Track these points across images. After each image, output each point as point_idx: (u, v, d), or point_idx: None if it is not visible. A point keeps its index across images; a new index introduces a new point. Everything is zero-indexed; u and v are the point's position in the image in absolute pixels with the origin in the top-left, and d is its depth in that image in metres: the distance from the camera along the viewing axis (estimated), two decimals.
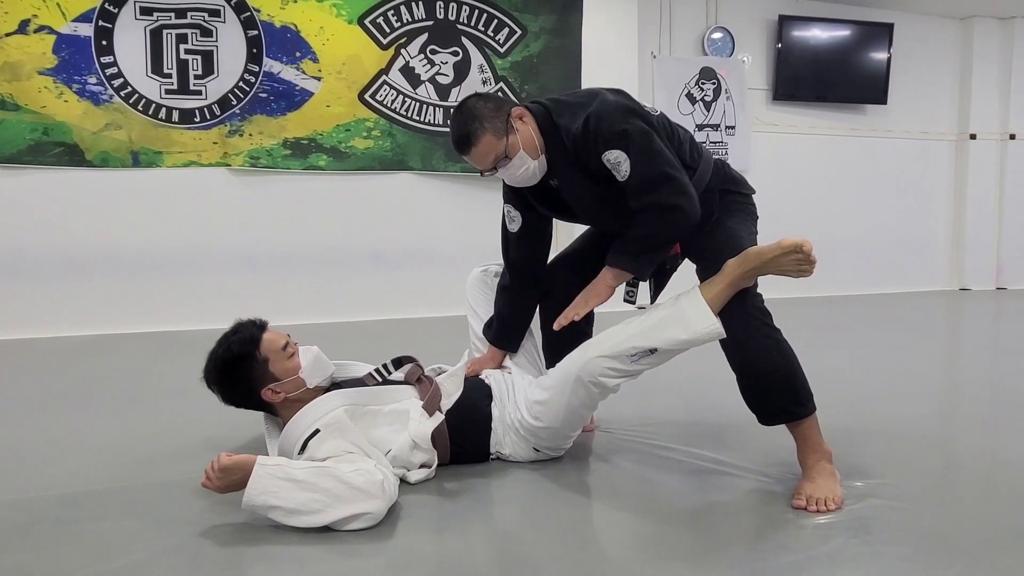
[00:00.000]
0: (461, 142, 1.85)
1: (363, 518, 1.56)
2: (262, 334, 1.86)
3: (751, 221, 1.99)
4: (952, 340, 4.46)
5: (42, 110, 4.24)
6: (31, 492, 1.85)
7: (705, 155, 1.93)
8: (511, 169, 1.86)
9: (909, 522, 1.56)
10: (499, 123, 1.82)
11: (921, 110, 6.40)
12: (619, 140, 1.75)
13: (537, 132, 1.86)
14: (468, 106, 1.85)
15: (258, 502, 1.55)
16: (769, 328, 1.80)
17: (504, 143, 1.82)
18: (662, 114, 1.90)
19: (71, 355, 3.82)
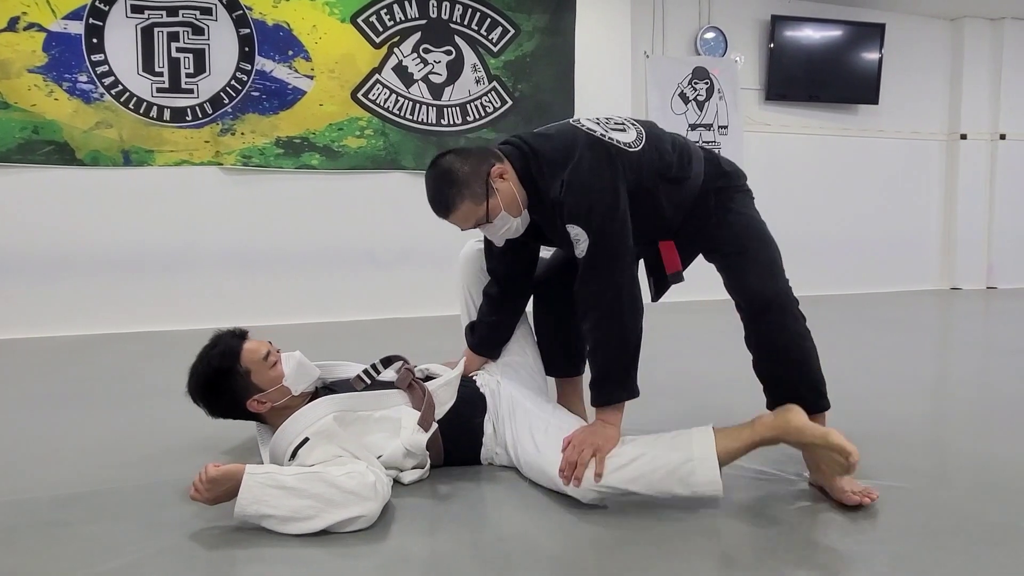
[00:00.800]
0: (437, 208, 1.77)
1: (358, 521, 1.56)
2: (242, 344, 1.83)
3: (752, 205, 1.97)
4: (943, 339, 4.49)
5: (32, 108, 4.21)
6: (21, 494, 1.84)
7: (695, 160, 1.87)
8: (493, 229, 1.80)
9: (902, 520, 1.57)
10: (478, 187, 1.72)
11: (912, 110, 6.43)
12: (582, 219, 1.68)
13: (518, 185, 1.77)
14: (444, 167, 1.75)
15: (250, 512, 1.54)
16: (800, 314, 1.83)
17: (484, 207, 1.74)
18: (650, 131, 1.83)
19: (60, 355, 3.80)
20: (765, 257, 1.85)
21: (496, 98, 5.10)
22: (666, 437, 1.65)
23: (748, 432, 1.62)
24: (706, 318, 4.84)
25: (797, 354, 1.78)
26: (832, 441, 1.51)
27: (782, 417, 1.60)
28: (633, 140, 1.78)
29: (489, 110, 5.08)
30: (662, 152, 1.81)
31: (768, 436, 1.60)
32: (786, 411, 1.59)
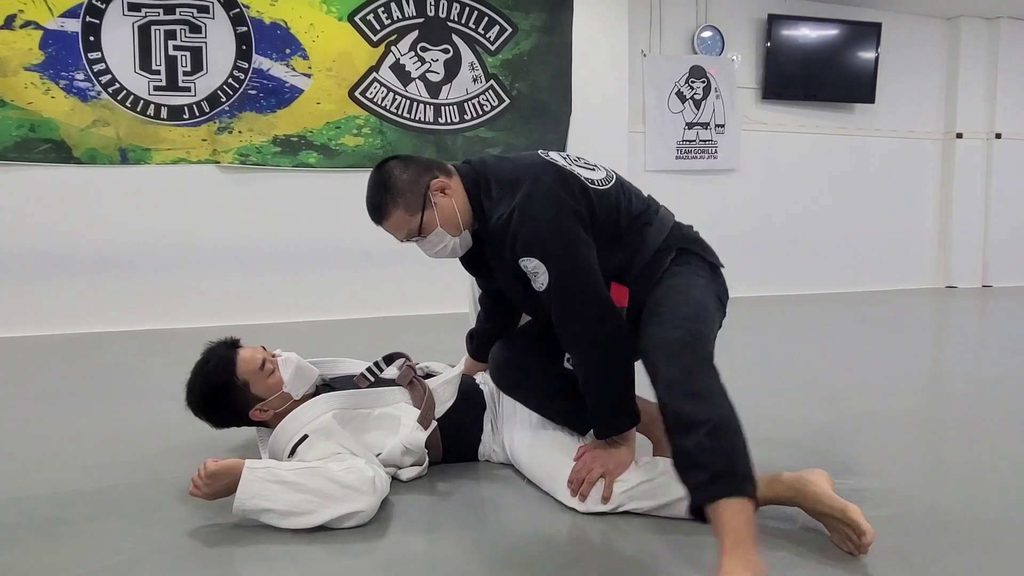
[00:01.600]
0: (371, 213, 1.71)
1: (356, 516, 1.57)
2: (236, 356, 1.78)
3: (708, 284, 1.67)
4: (938, 337, 4.50)
5: (28, 106, 4.20)
6: (19, 492, 1.84)
7: (663, 212, 1.77)
8: (426, 245, 1.71)
9: (897, 517, 1.58)
10: (413, 197, 1.65)
11: (908, 109, 6.45)
12: (537, 249, 1.55)
13: (464, 204, 1.68)
14: (384, 173, 1.68)
15: (249, 506, 1.54)
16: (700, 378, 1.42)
17: (418, 219, 1.66)
18: (620, 177, 1.74)
19: (58, 354, 3.80)
20: (674, 309, 1.54)
21: (494, 97, 5.10)
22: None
23: (763, 485, 1.48)
24: None
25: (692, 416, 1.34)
26: (850, 516, 1.38)
27: (801, 479, 1.48)
28: (602, 179, 1.69)
29: (487, 109, 5.09)
30: (632, 194, 1.74)
31: (784, 496, 1.49)
32: (808, 473, 1.49)
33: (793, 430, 2.30)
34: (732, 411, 1.37)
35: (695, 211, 6.03)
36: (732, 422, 1.34)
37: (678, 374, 1.38)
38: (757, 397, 2.75)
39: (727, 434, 1.32)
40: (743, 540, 1.23)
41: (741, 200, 5.98)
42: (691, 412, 1.33)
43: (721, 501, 1.25)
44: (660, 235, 1.69)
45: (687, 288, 1.60)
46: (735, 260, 6.76)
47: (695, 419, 1.32)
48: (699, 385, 1.37)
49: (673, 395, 1.37)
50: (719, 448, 1.30)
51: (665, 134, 5.73)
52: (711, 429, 1.30)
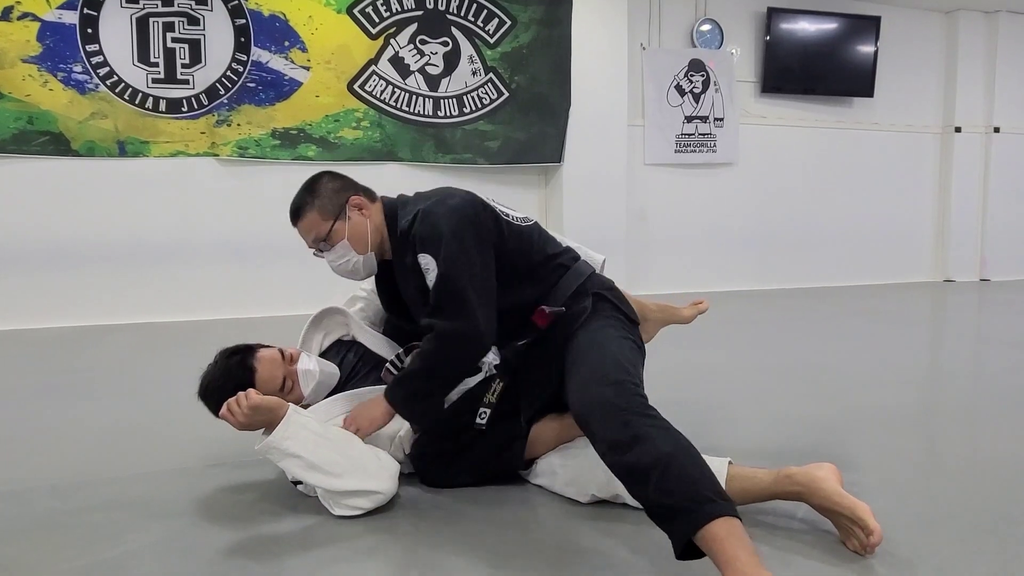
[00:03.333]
0: (291, 212, 1.79)
1: (373, 497, 1.58)
2: (254, 376, 1.70)
3: (624, 334, 1.68)
4: (936, 331, 4.52)
5: (26, 99, 4.19)
6: (21, 483, 1.85)
7: (582, 264, 1.79)
8: (332, 255, 1.77)
9: (895, 509, 1.59)
10: (331, 205, 1.73)
11: (907, 103, 6.45)
12: (433, 243, 1.60)
13: (378, 228, 1.75)
14: (313, 179, 1.79)
15: (281, 445, 1.53)
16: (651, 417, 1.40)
17: (328, 226, 1.73)
18: (525, 221, 1.77)
19: (57, 346, 3.80)
20: (592, 366, 1.53)
21: (493, 90, 5.09)
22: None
23: (769, 480, 1.49)
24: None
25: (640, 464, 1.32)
26: (859, 515, 1.37)
27: (810, 475, 1.46)
28: (521, 217, 1.77)
29: (486, 101, 5.08)
30: (550, 238, 1.80)
31: (791, 491, 1.47)
32: (817, 469, 1.47)
33: (792, 423, 2.31)
34: (678, 442, 1.34)
35: (693, 205, 6.09)
36: (680, 454, 1.31)
37: (614, 432, 1.36)
38: (756, 390, 2.76)
39: (679, 466, 1.29)
40: (745, 563, 1.18)
41: (740, 194, 5.99)
42: (637, 461, 1.31)
43: (702, 532, 1.21)
44: (578, 279, 1.73)
45: (603, 342, 1.60)
46: (733, 254, 6.78)
47: (643, 466, 1.30)
48: (637, 433, 1.34)
49: (616, 453, 1.35)
50: (677, 484, 1.27)
51: (664, 127, 5.72)
52: (662, 470, 1.28)
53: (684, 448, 1.33)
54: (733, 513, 1.24)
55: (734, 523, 1.22)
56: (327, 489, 1.57)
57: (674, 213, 5.81)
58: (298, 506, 1.68)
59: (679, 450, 1.32)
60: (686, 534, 1.23)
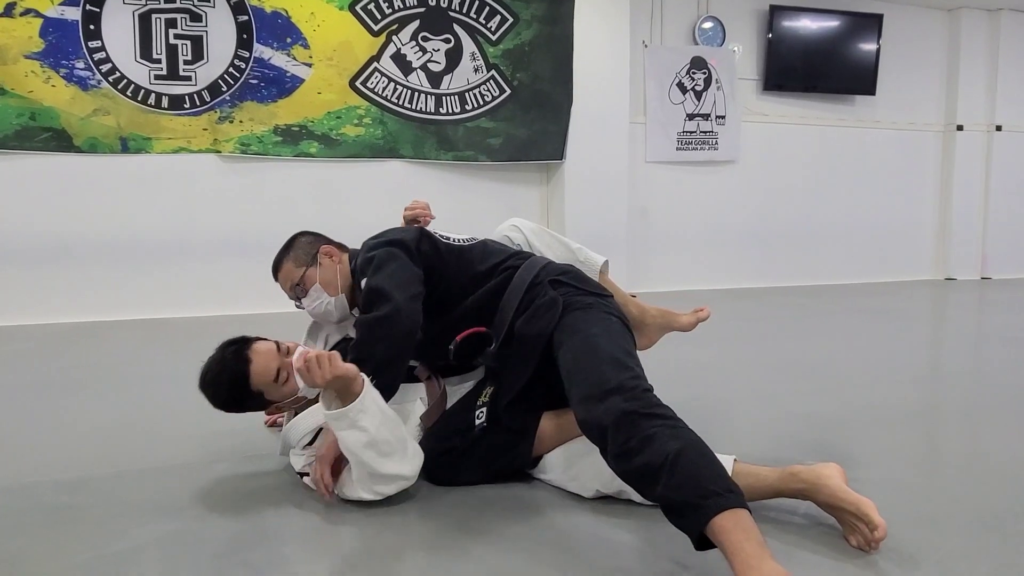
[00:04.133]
0: (272, 269, 1.98)
1: (399, 482, 1.61)
2: (248, 368, 1.70)
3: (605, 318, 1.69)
4: (937, 329, 4.52)
5: (29, 95, 4.20)
6: (26, 478, 1.86)
7: (533, 260, 1.87)
8: (308, 301, 1.93)
9: (897, 505, 1.59)
10: (304, 255, 1.93)
11: (909, 101, 6.45)
12: (367, 267, 1.78)
13: (346, 276, 1.93)
14: (291, 239, 1.99)
15: (355, 417, 1.54)
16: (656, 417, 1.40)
17: (300, 273, 1.91)
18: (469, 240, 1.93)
19: (59, 342, 3.81)
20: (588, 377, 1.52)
21: (495, 87, 5.09)
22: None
23: (775, 478, 1.50)
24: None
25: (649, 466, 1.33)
26: (863, 510, 1.38)
27: (816, 473, 1.46)
28: (464, 238, 1.94)
29: (488, 99, 5.08)
30: (497, 247, 1.93)
31: (796, 488, 1.48)
32: (823, 467, 1.48)
33: (793, 420, 2.32)
34: (685, 437, 1.34)
35: (695, 203, 6.09)
36: (688, 449, 1.32)
37: (623, 441, 1.36)
38: (757, 387, 2.76)
39: (687, 462, 1.29)
40: (751, 554, 1.18)
41: (741, 191, 5.99)
42: (646, 464, 1.32)
43: (712, 524, 1.22)
44: (529, 274, 1.81)
45: (592, 340, 1.60)
46: (734, 251, 6.77)
47: (653, 468, 1.31)
48: (645, 435, 1.34)
49: (625, 460, 1.36)
50: (684, 480, 1.28)
51: (666, 125, 5.72)
52: (670, 467, 1.29)
53: (691, 443, 1.33)
54: (740, 505, 1.24)
55: (741, 515, 1.23)
56: (372, 469, 1.57)
57: (675, 211, 5.82)
58: (303, 500, 1.68)
59: (687, 446, 1.32)
60: (695, 529, 1.25)
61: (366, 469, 1.58)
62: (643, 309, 2.09)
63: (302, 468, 1.73)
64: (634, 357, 1.60)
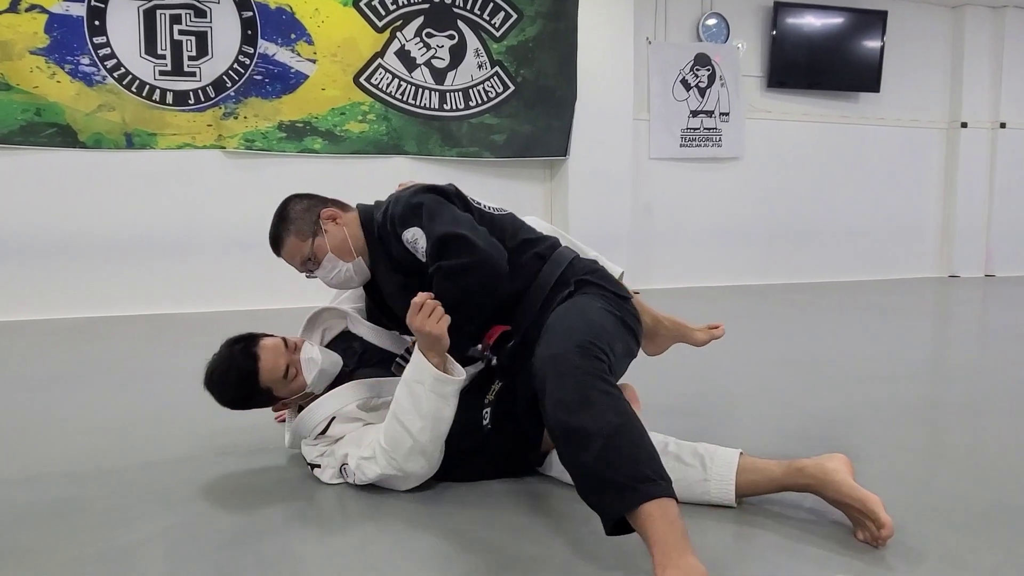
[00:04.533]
0: (271, 243, 1.83)
1: (412, 478, 1.62)
2: (257, 365, 1.70)
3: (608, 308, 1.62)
4: (942, 325, 4.52)
5: (34, 90, 4.21)
6: (34, 470, 1.87)
7: (562, 251, 1.77)
8: (323, 271, 1.80)
9: (901, 499, 1.60)
10: (305, 225, 1.78)
11: (913, 98, 6.44)
12: (413, 216, 1.65)
13: (357, 235, 1.78)
14: (282, 206, 1.82)
15: (453, 389, 1.55)
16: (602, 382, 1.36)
17: (309, 245, 1.77)
18: (501, 210, 1.80)
19: (65, 337, 3.82)
20: (561, 327, 1.49)
21: (498, 83, 5.09)
22: (688, 448, 1.59)
23: (780, 472, 1.49)
24: (707, 303, 4.88)
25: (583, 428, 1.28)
26: (869, 507, 1.36)
27: (822, 468, 1.45)
28: (495, 207, 1.80)
29: (492, 95, 5.08)
30: (526, 226, 1.80)
31: (802, 483, 1.47)
32: (828, 460, 1.47)
33: (798, 415, 2.32)
34: (626, 415, 1.30)
35: (698, 199, 6.09)
36: (627, 427, 1.28)
37: (565, 391, 1.32)
38: (761, 383, 2.77)
39: (626, 441, 1.25)
40: (672, 546, 1.17)
41: (745, 188, 5.99)
42: (581, 426, 1.27)
43: (638, 510, 1.20)
44: (558, 268, 1.71)
45: (581, 309, 1.57)
46: (738, 248, 6.76)
47: (587, 432, 1.26)
48: (588, 396, 1.30)
49: (561, 411, 1.31)
50: (619, 458, 1.23)
51: (669, 122, 5.72)
52: (606, 440, 1.24)
53: (631, 422, 1.30)
54: (670, 495, 1.23)
55: (669, 504, 1.22)
56: (420, 440, 1.56)
57: (679, 207, 5.82)
58: (313, 493, 1.69)
59: (627, 423, 1.29)
60: (620, 511, 1.23)
61: (413, 437, 1.56)
62: (657, 319, 2.06)
63: (313, 459, 1.73)
64: (613, 343, 1.53)
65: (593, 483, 1.27)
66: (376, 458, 1.61)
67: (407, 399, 1.56)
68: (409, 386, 1.57)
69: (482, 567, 1.34)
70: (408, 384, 1.57)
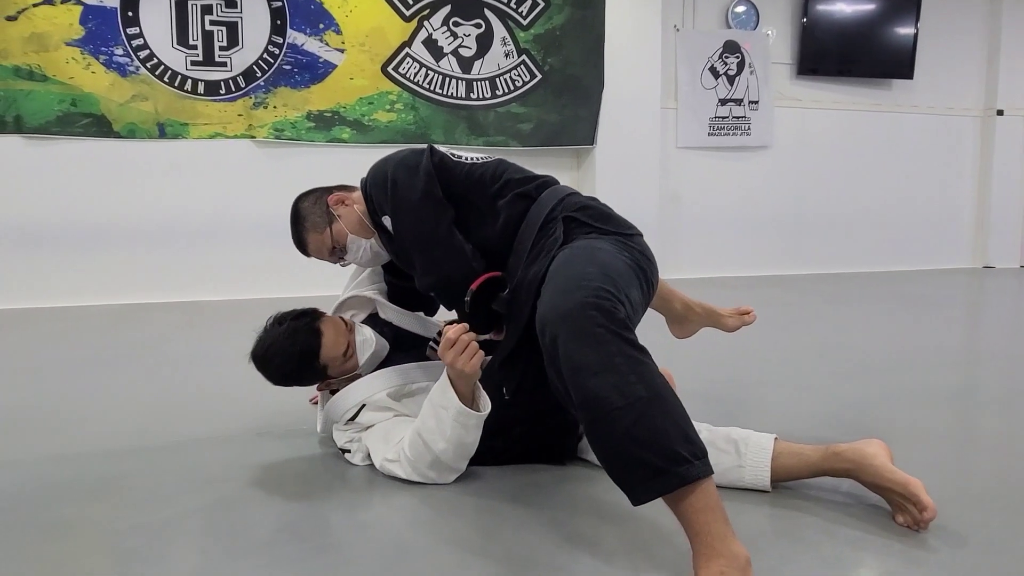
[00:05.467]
0: (299, 248, 1.84)
1: (450, 476, 1.62)
2: (320, 341, 1.71)
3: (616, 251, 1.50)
4: (975, 316, 4.44)
5: (70, 81, 4.28)
6: (76, 448, 1.91)
7: (556, 189, 1.68)
8: (351, 255, 1.81)
9: (940, 484, 1.57)
10: (317, 217, 1.78)
11: (947, 85, 6.30)
12: (388, 203, 1.63)
13: (366, 211, 1.76)
14: (294, 209, 1.82)
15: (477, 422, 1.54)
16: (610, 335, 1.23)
17: (329, 234, 1.77)
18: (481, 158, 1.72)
19: (101, 323, 3.89)
20: (568, 274, 1.36)
21: (526, 72, 5.08)
22: (722, 434, 1.57)
23: (817, 457, 1.47)
24: (733, 292, 4.84)
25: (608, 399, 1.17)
26: (912, 491, 1.33)
27: (860, 452, 1.42)
28: (477, 157, 1.72)
29: (518, 84, 5.07)
30: (513, 168, 1.72)
31: (840, 467, 1.44)
32: (867, 445, 1.44)
33: (831, 401, 2.30)
34: (656, 383, 1.19)
35: (727, 189, 6.03)
36: (658, 398, 1.17)
37: (586, 351, 1.20)
38: (792, 370, 2.74)
39: (658, 413, 1.16)
40: (715, 536, 1.12)
41: (774, 178, 5.92)
42: (606, 396, 1.16)
43: (673, 494, 1.14)
44: (545, 208, 1.60)
45: (589, 251, 1.45)
46: (767, 238, 6.67)
47: (610, 402, 1.16)
48: (613, 360, 1.18)
49: (582, 375, 1.19)
50: (651, 434, 1.14)
51: (697, 110, 5.67)
52: (637, 415, 1.15)
53: (662, 393, 1.19)
54: (707, 474, 1.15)
55: (707, 487, 1.15)
56: (437, 459, 1.57)
57: (707, 197, 5.77)
58: (348, 473, 1.71)
59: (657, 393, 1.18)
60: (651, 495, 1.16)
61: (435, 456, 1.56)
62: (688, 305, 2.05)
63: (344, 444, 1.75)
64: (630, 290, 1.39)
65: (619, 460, 1.18)
66: (400, 463, 1.62)
67: (432, 419, 1.56)
68: (434, 408, 1.55)
69: (514, 551, 1.35)
70: (433, 406, 1.56)
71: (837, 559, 1.28)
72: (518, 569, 1.26)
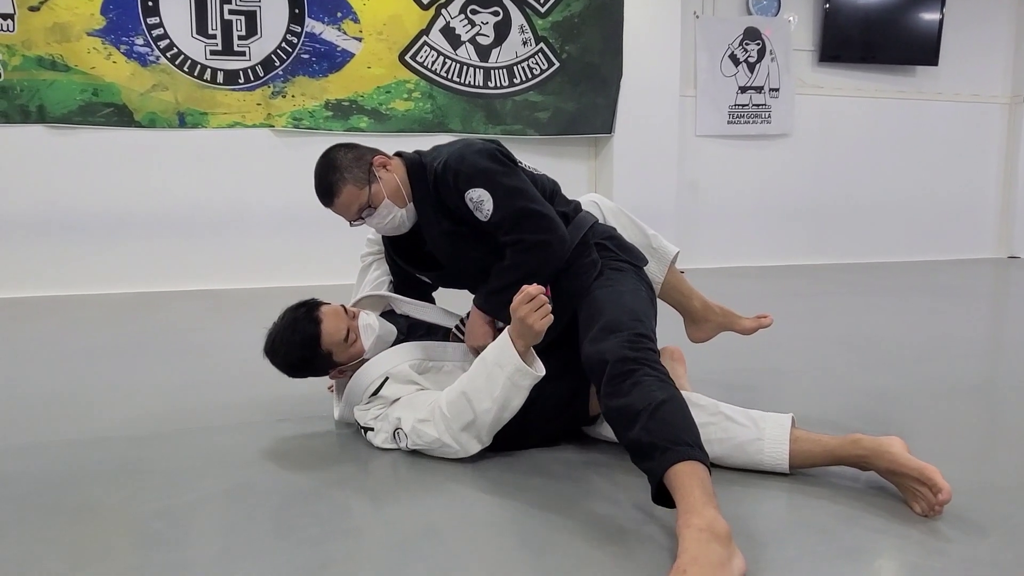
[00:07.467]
0: (323, 194, 1.81)
1: (461, 452, 1.64)
2: (319, 329, 1.75)
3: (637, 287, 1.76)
4: (999, 306, 4.37)
5: (91, 71, 4.32)
6: (101, 433, 1.94)
7: (584, 215, 1.87)
8: (377, 218, 1.82)
9: (961, 475, 1.56)
10: (360, 172, 1.79)
11: (973, 72, 6.19)
12: (480, 177, 1.70)
13: (405, 180, 1.82)
14: (329, 157, 1.82)
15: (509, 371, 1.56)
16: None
17: (367, 192, 1.78)
18: (536, 170, 1.88)
19: (122, 311, 3.94)
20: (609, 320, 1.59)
21: (543, 60, 5.05)
22: (740, 411, 1.60)
23: (836, 444, 1.50)
24: (747, 281, 4.80)
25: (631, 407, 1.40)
26: (927, 475, 1.36)
27: (877, 441, 1.46)
28: (532, 167, 1.87)
29: (536, 72, 5.05)
30: (557, 188, 1.89)
31: (856, 454, 1.47)
32: (885, 438, 1.47)
33: (851, 392, 2.28)
34: (671, 393, 1.41)
35: (747, 177, 5.97)
36: (672, 401, 1.39)
37: (619, 381, 1.43)
38: (813, 360, 2.72)
39: (668, 411, 1.36)
40: (697, 499, 1.23)
41: (795, 166, 5.85)
42: (630, 405, 1.39)
43: (671, 470, 1.28)
44: (580, 230, 1.80)
45: (619, 295, 1.68)
46: (787, 227, 6.61)
47: (635, 409, 1.37)
48: (639, 381, 1.42)
49: (614, 398, 1.43)
50: (660, 425, 1.34)
51: (717, 98, 5.61)
52: (650, 413, 1.36)
53: (675, 398, 1.41)
54: (704, 460, 1.30)
55: (700, 468, 1.29)
56: (477, 419, 1.59)
57: (726, 185, 5.72)
58: (367, 457, 1.73)
59: (670, 399, 1.40)
60: (658, 470, 1.30)
61: (476, 415, 1.59)
62: (707, 306, 2.13)
63: (367, 422, 1.76)
64: (650, 320, 1.68)
65: (638, 452, 1.37)
66: (434, 421, 1.64)
67: (483, 378, 1.59)
68: (487, 367, 1.59)
69: (532, 534, 1.36)
70: (487, 364, 1.59)
71: (858, 548, 1.27)
72: (536, 553, 1.27)
